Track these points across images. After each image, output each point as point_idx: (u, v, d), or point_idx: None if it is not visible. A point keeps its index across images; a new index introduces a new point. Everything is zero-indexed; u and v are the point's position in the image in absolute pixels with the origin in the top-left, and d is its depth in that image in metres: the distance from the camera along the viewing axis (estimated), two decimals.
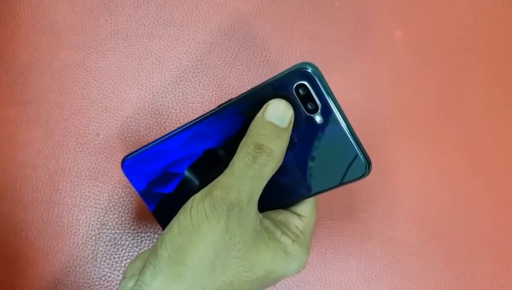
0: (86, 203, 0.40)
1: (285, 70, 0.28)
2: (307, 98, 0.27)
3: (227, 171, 0.28)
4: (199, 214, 0.27)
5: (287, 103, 0.28)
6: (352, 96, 0.43)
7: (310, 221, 0.31)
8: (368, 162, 0.28)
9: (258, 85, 0.29)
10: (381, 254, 0.41)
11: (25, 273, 0.39)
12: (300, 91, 0.27)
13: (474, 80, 0.44)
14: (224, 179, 0.27)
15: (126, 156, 0.33)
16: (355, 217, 0.41)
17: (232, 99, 0.30)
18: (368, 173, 0.28)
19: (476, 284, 0.41)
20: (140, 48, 0.42)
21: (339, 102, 0.28)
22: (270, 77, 0.28)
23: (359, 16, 0.44)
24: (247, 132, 0.28)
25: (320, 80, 0.27)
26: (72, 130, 0.41)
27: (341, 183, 0.29)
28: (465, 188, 0.42)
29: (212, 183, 0.28)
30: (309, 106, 0.28)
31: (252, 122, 0.28)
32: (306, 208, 0.31)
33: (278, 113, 0.28)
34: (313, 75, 0.27)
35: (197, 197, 0.28)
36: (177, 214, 0.28)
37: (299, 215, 0.31)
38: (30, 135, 0.40)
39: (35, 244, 0.39)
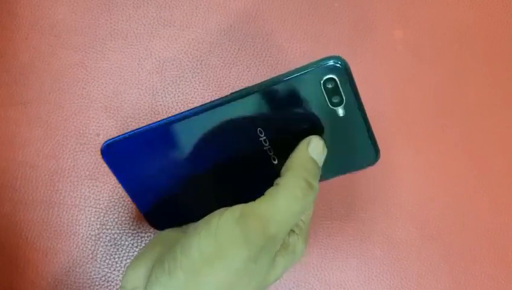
0: (85, 203, 0.40)
1: (314, 63, 0.27)
2: (333, 91, 0.27)
3: (268, 200, 0.26)
4: (227, 239, 0.25)
5: (324, 143, 0.28)
6: None
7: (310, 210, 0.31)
8: (377, 151, 0.29)
9: (280, 76, 0.27)
10: (381, 254, 0.41)
11: (25, 274, 0.39)
12: (328, 85, 0.27)
13: (474, 80, 0.44)
14: (265, 210, 0.25)
15: (108, 141, 0.30)
16: (355, 217, 0.41)
17: (247, 88, 0.28)
18: (377, 160, 0.29)
19: (476, 284, 0.41)
20: (140, 48, 0.42)
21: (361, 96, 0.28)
22: (295, 68, 0.27)
23: (359, 16, 0.44)
24: (293, 162, 0.27)
25: (348, 75, 0.27)
26: (72, 130, 0.41)
27: (350, 171, 0.30)
28: (465, 188, 0.42)
29: (246, 206, 0.26)
30: (333, 99, 0.27)
31: (297, 153, 0.27)
32: None
33: (318, 151, 0.27)
34: (344, 70, 0.27)
35: (224, 219, 0.25)
36: (197, 231, 0.25)
37: None
38: (30, 135, 0.40)
39: (35, 244, 0.39)
